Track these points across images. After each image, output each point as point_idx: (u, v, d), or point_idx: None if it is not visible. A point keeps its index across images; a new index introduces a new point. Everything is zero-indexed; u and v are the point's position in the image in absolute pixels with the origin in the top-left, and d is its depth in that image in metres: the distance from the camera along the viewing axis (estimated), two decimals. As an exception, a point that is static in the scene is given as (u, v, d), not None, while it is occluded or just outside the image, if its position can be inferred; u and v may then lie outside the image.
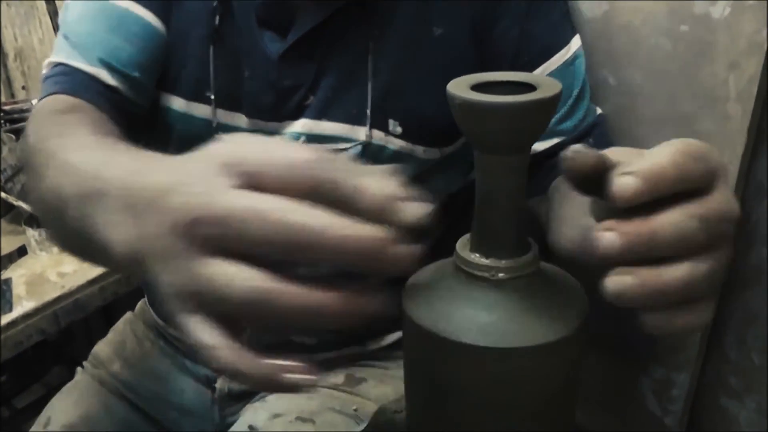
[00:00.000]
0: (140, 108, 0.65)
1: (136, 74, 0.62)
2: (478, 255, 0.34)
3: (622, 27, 0.64)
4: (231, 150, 0.30)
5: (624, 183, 0.29)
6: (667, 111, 0.63)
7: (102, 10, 0.62)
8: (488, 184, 0.32)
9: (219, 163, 0.30)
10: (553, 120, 0.60)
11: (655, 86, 0.63)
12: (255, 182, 0.29)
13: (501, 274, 0.33)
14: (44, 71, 0.63)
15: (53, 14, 1.36)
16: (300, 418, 0.64)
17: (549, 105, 0.30)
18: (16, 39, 1.47)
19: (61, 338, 1.46)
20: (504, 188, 0.32)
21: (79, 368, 0.79)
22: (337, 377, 0.71)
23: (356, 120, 0.62)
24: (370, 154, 0.62)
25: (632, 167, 0.29)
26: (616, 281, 0.29)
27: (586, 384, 0.74)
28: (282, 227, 0.28)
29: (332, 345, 0.71)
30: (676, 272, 0.29)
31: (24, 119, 1.23)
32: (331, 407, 0.67)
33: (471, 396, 0.33)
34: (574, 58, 0.61)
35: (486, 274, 0.33)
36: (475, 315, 0.32)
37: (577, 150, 0.29)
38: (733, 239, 0.32)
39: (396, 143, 0.62)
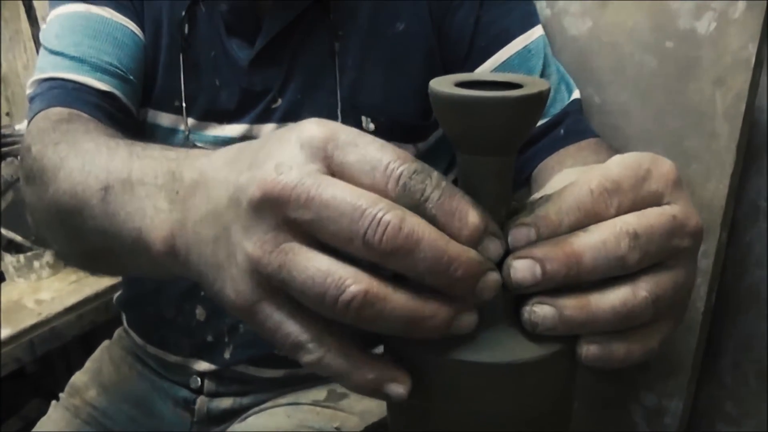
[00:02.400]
0: (133, 117, 0.64)
1: (130, 77, 0.62)
2: None
3: (606, 44, 0.63)
4: (322, 133, 0.27)
5: (517, 236, 0.28)
6: (653, 129, 0.62)
7: (83, 19, 0.62)
8: (473, 188, 0.30)
9: (310, 145, 0.27)
10: None
11: (641, 104, 0.62)
12: (343, 175, 0.27)
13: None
14: (29, 91, 0.62)
15: (37, 39, 1.35)
16: None
17: (536, 102, 0.28)
18: (2, 63, 1.46)
19: (40, 370, 1.43)
20: (490, 192, 0.30)
21: (53, 402, 0.76)
22: (320, 393, 0.70)
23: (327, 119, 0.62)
24: None
25: (528, 216, 0.28)
26: (530, 312, 0.28)
27: (575, 413, 0.72)
28: (388, 227, 0.25)
29: None
30: (606, 300, 0.28)
31: (6, 145, 1.22)
32: (310, 426, 0.66)
33: (456, 415, 0.30)
34: (535, 44, 0.61)
35: None
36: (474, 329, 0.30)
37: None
38: (694, 255, 0.30)
39: None
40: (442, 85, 0.29)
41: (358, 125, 0.63)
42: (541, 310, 0.27)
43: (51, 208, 0.46)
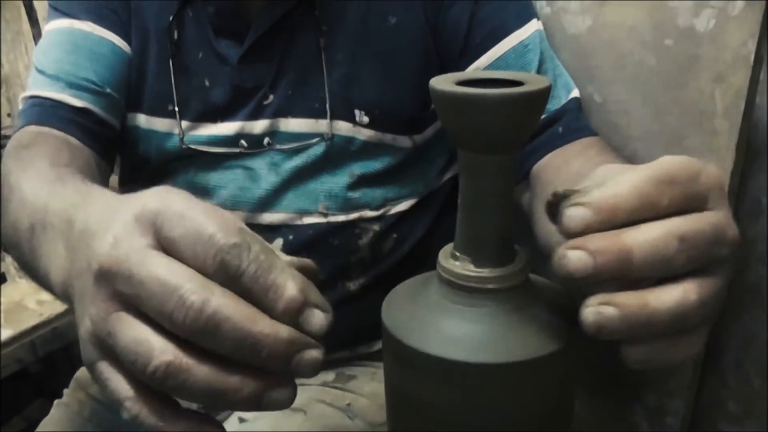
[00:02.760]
0: (113, 128, 0.66)
1: (107, 90, 0.64)
2: (462, 264, 0.32)
3: (605, 42, 0.63)
4: (154, 207, 0.29)
5: (573, 215, 0.27)
6: (654, 127, 0.61)
7: (66, 35, 0.65)
8: (474, 187, 0.30)
9: (142, 218, 0.29)
10: None
11: (640, 102, 0.62)
12: (171, 249, 0.28)
13: (489, 285, 0.31)
14: (20, 106, 0.64)
15: (38, 40, 1.35)
16: (291, 409, 0.63)
17: (538, 99, 0.28)
18: (1, 65, 1.47)
19: (43, 370, 1.44)
20: (491, 191, 0.30)
21: (56, 401, 0.76)
22: (328, 375, 0.70)
23: (319, 114, 0.63)
24: (338, 146, 0.64)
25: (585, 197, 0.27)
26: (595, 312, 0.27)
27: (576, 412, 0.72)
28: (190, 309, 0.27)
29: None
30: (664, 300, 0.27)
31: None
32: (323, 400, 0.66)
33: (455, 415, 0.30)
34: (532, 38, 0.61)
35: (471, 285, 0.31)
36: (458, 329, 0.30)
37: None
38: (731, 264, 0.30)
39: (364, 133, 0.64)
40: (444, 83, 0.29)
41: (351, 119, 0.63)
42: (606, 311, 0.27)
43: (5, 236, 0.49)
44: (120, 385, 0.29)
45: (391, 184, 0.67)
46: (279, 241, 0.65)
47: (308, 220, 0.65)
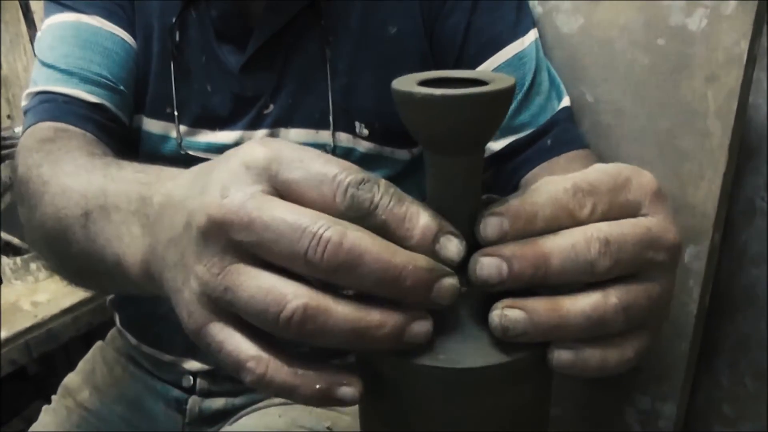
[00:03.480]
0: (125, 126, 0.65)
1: (120, 87, 0.62)
2: None
3: (598, 42, 0.63)
4: (265, 153, 0.27)
5: (490, 223, 0.27)
6: (646, 128, 0.61)
7: (74, 30, 0.62)
8: (440, 189, 0.29)
9: (253, 165, 0.27)
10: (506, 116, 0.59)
11: (632, 103, 0.61)
12: (289, 192, 0.27)
13: (461, 288, 0.30)
14: (24, 103, 0.62)
15: (34, 42, 1.35)
16: None
17: (501, 98, 0.27)
18: (0, 66, 1.47)
19: (42, 372, 1.43)
20: (457, 193, 0.29)
21: (45, 406, 0.76)
22: None
23: (320, 125, 0.62)
24: (338, 157, 0.61)
25: (502, 206, 0.27)
26: (501, 315, 0.27)
27: (568, 416, 0.71)
28: (328, 245, 0.25)
29: (309, 357, 0.69)
30: (579, 304, 0.27)
31: (6, 147, 1.22)
32: (302, 425, 0.66)
33: (428, 422, 0.30)
34: (528, 51, 0.60)
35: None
36: (444, 335, 0.29)
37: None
38: (670, 270, 0.30)
39: (364, 145, 0.63)
40: (405, 83, 0.28)
41: (351, 130, 0.62)
42: (512, 314, 0.27)
43: (38, 230, 0.48)
44: (239, 345, 0.27)
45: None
46: None
47: None
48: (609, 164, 0.30)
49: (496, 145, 0.61)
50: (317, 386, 0.27)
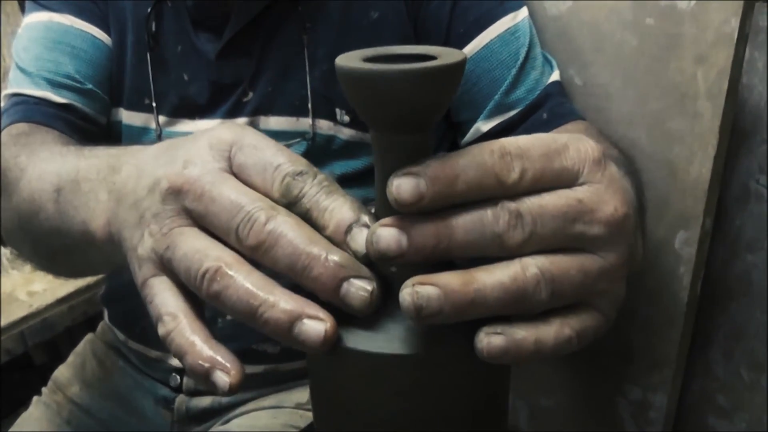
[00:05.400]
0: (99, 123, 0.66)
1: (88, 86, 0.63)
2: None
3: (586, 23, 0.61)
4: (228, 136, 0.31)
5: (401, 184, 0.25)
6: (635, 110, 0.59)
7: (45, 30, 0.64)
8: (387, 168, 0.28)
9: (217, 146, 0.30)
10: (500, 92, 0.59)
11: (622, 85, 0.59)
12: (241, 174, 0.30)
13: (408, 273, 0.29)
14: (2, 104, 0.64)
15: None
16: None
17: (447, 74, 0.26)
18: (2, 60, 1.47)
19: (49, 361, 1.45)
20: None
21: (35, 397, 0.76)
22: (302, 395, 0.69)
23: (300, 112, 0.61)
24: (319, 145, 0.62)
25: (418, 166, 0.26)
26: (412, 293, 0.25)
27: (558, 408, 0.70)
28: (255, 224, 0.28)
29: (296, 354, 0.68)
30: (493, 276, 0.26)
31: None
32: (294, 425, 0.65)
33: (380, 412, 0.29)
34: (520, 26, 0.59)
35: (389, 274, 0.29)
36: (380, 320, 0.28)
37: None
38: (612, 244, 0.28)
39: (345, 132, 0.62)
40: (349, 60, 0.27)
41: (332, 117, 0.61)
42: (423, 290, 0.25)
43: (14, 217, 0.49)
44: (165, 299, 0.30)
45: (372, 183, 0.65)
46: None
47: None
48: (545, 134, 0.28)
49: (490, 123, 0.59)
50: (199, 362, 0.29)
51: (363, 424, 0.29)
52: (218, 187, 0.29)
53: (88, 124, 0.64)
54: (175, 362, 0.70)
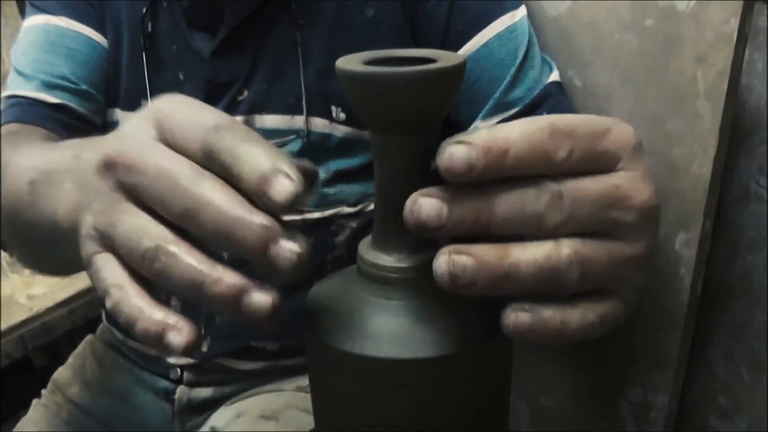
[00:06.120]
0: (94, 123, 0.66)
1: (83, 87, 0.64)
2: (380, 254, 0.30)
3: (585, 24, 0.61)
4: (162, 106, 0.30)
5: (456, 153, 0.24)
6: (635, 112, 0.59)
7: (42, 33, 0.64)
8: (386, 171, 0.28)
9: (149, 116, 0.30)
10: (499, 91, 0.59)
11: (621, 86, 0.59)
12: (172, 140, 0.29)
13: (409, 275, 0.29)
14: (1, 106, 0.65)
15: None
16: (263, 417, 0.63)
17: (446, 77, 0.26)
18: (1, 62, 1.47)
19: (49, 364, 1.45)
20: (404, 176, 0.28)
21: (35, 400, 0.76)
22: (303, 380, 0.69)
23: (294, 110, 0.61)
24: (315, 143, 0.62)
25: (469, 136, 0.25)
26: (448, 261, 0.25)
27: (560, 409, 0.70)
28: (180, 191, 0.27)
29: (295, 351, 0.69)
30: (528, 253, 0.25)
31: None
32: (296, 405, 0.65)
33: (381, 416, 0.29)
34: (519, 24, 0.59)
35: (388, 276, 0.29)
36: (378, 323, 0.28)
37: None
38: (643, 232, 0.28)
39: (341, 130, 0.62)
40: (350, 63, 0.27)
41: (327, 115, 0.61)
42: (460, 260, 0.25)
43: (2, 215, 0.49)
44: (111, 273, 0.29)
45: (369, 179, 0.65)
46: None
47: (284, 217, 0.64)
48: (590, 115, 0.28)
49: (489, 122, 0.59)
50: (151, 326, 0.28)
51: (364, 425, 0.29)
52: (146, 157, 0.28)
53: (83, 124, 0.64)
54: (174, 359, 0.70)
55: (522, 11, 0.60)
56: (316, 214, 0.64)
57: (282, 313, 0.27)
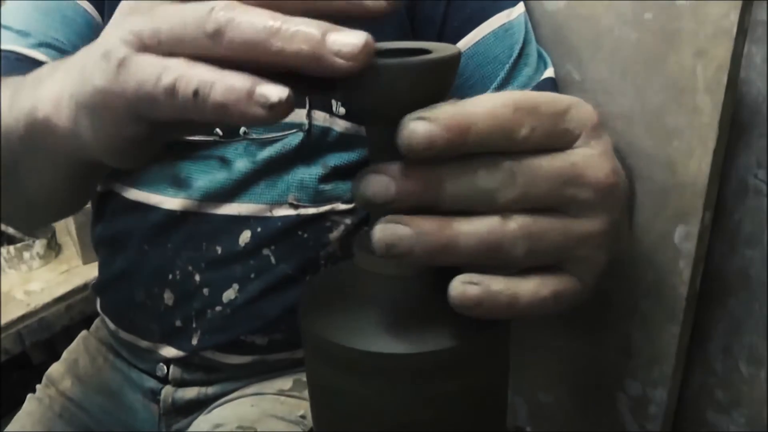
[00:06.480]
0: None
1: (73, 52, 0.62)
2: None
3: (584, 18, 0.61)
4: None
5: (417, 129, 0.24)
6: (634, 105, 0.59)
7: None
8: (381, 162, 0.28)
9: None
10: (492, 87, 0.58)
11: (620, 80, 0.59)
12: None
13: (405, 271, 0.29)
14: None
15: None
16: (241, 427, 0.63)
17: (441, 68, 0.26)
18: None
19: (47, 360, 1.45)
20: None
21: (29, 395, 0.76)
22: (285, 382, 0.69)
23: (296, 103, 0.60)
24: (315, 136, 0.62)
25: (431, 111, 0.24)
26: (383, 228, 0.25)
27: (558, 403, 0.70)
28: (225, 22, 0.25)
29: (283, 346, 0.68)
30: (471, 225, 0.25)
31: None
32: (274, 414, 0.65)
33: (377, 412, 0.29)
34: (515, 23, 0.59)
35: (385, 270, 0.29)
36: (373, 317, 0.28)
37: None
38: (601, 209, 0.28)
39: (341, 124, 0.62)
40: None
41: (328, 109, 0.61)
42: (396, 228, 0.25)
43: None
44: (159, 60, 0.27)
45: None
46: (247, 233, 0.64)
47: (278, 212, 0.63)
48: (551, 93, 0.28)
49: None
50: (239, 82, 0.25)
51: (360, 419, 0.29)
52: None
53: None
54: (164, 352, 0.69)
55: (519, 9, 0.60)
56: (311, 210, 0.64)
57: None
